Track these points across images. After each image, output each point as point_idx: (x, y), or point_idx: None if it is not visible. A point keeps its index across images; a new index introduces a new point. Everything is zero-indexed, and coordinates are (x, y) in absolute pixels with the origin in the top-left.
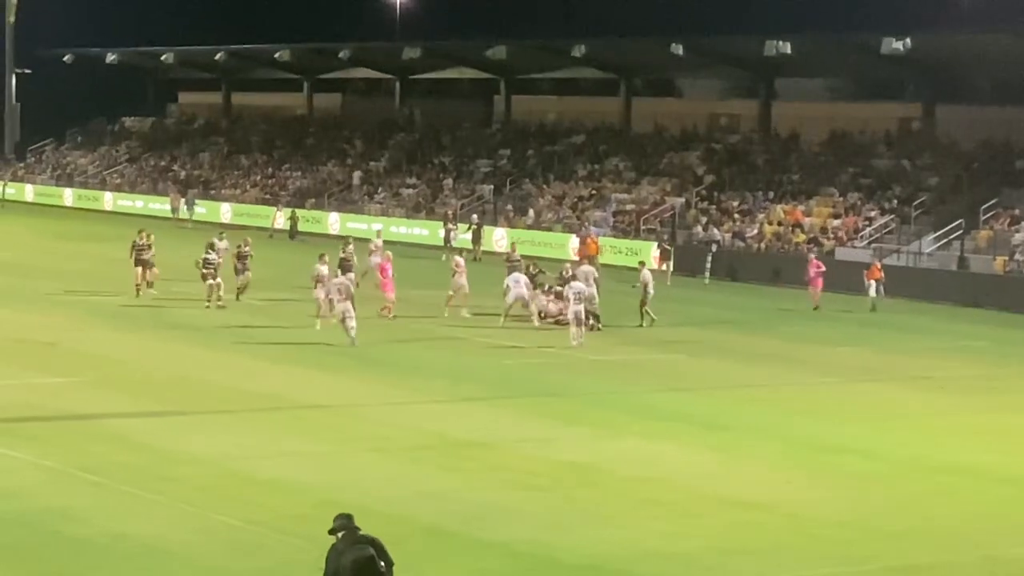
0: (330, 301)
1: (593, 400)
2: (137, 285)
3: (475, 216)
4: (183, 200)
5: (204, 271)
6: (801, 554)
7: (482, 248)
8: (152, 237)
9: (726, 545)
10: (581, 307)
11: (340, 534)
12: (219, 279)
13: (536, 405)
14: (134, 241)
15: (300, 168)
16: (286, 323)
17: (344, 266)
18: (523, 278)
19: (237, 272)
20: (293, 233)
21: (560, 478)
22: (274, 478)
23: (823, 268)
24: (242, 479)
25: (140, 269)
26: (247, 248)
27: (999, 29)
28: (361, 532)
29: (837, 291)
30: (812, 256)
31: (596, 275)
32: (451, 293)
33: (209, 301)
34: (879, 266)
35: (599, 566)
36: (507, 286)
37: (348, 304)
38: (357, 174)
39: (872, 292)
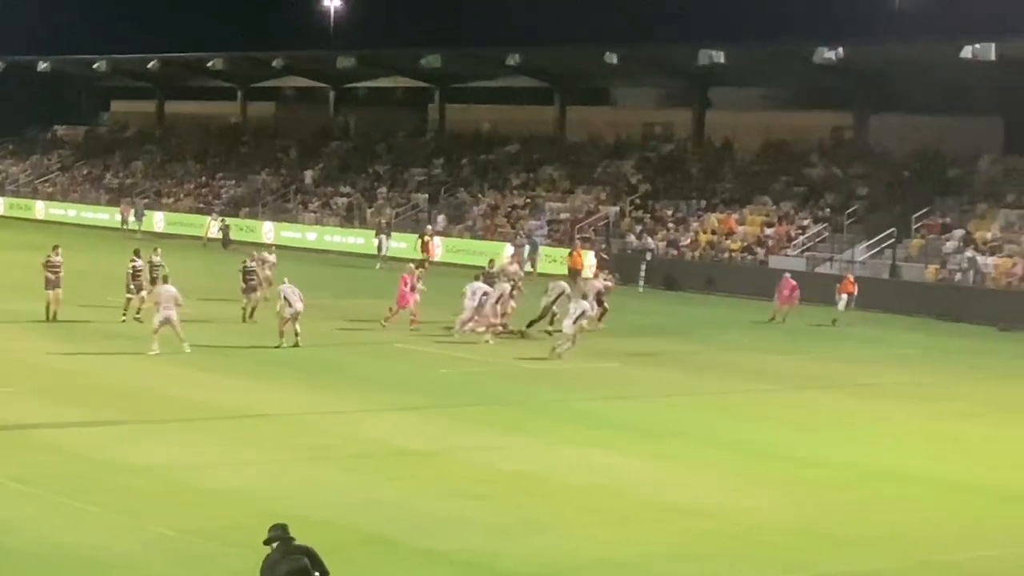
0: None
1: (533, 409)
2: (48, 306)
3: (429, 227)
4: (132, 211)
5: (134, 283)
6: (744, 561)
7: (432, 258)
8: (60, 254)
9: (669, 552)
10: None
11: (275, 544)
12: (144, 292)
13: (477, 414)
14: (48, 258)
15: (234, 177)
16: (225, 332)
17: (247, 274)
18: (482, 289)
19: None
20: (226, 242)
21: (502, 487)
22: (215, 488)
23: (797, 289)
24: (183, 489)
25: (52, 292)
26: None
27: (931, 38)
28: (296, 542)
29: (772, 300)
30: (787, 275)
31: (568, 291)
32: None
33: (125, 313)
34: (852, 279)
35: (542, 575)
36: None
37: (292, 311)
38: (309, 173)
39: (841, 306)
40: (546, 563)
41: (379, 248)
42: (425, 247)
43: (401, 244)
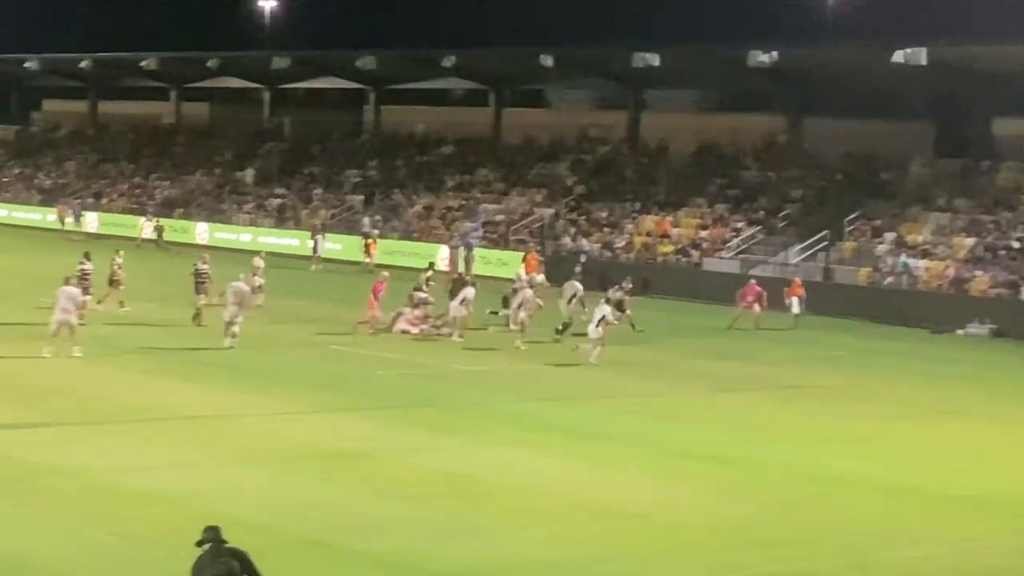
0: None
1: (466, 410)
2: None
3: (375, 231)
4: (70, 211)
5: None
6: (674, 562)
7: (374, 261)
8: None
9: (599, 553)
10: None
11: (206, 547)
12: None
13: (410, 415)
14: None
15: (168, 177)
16: (158, 333)
17: (199, 279)
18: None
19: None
20: (160, 243)
21: (433, 488)
22: (146, 490)
23: (763, 293)
24: (113, 491)
25: None
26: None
27: (863, 43)
28: (227, 545)
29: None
30: (752, 281)
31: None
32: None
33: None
34: (799, 282)
35: None
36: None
37: (237, 309)
38: (250, 171)
39: (795, 308)
40: (477, 564)
41: (314, 249)
42: (367, 250)
43: (336, 246)
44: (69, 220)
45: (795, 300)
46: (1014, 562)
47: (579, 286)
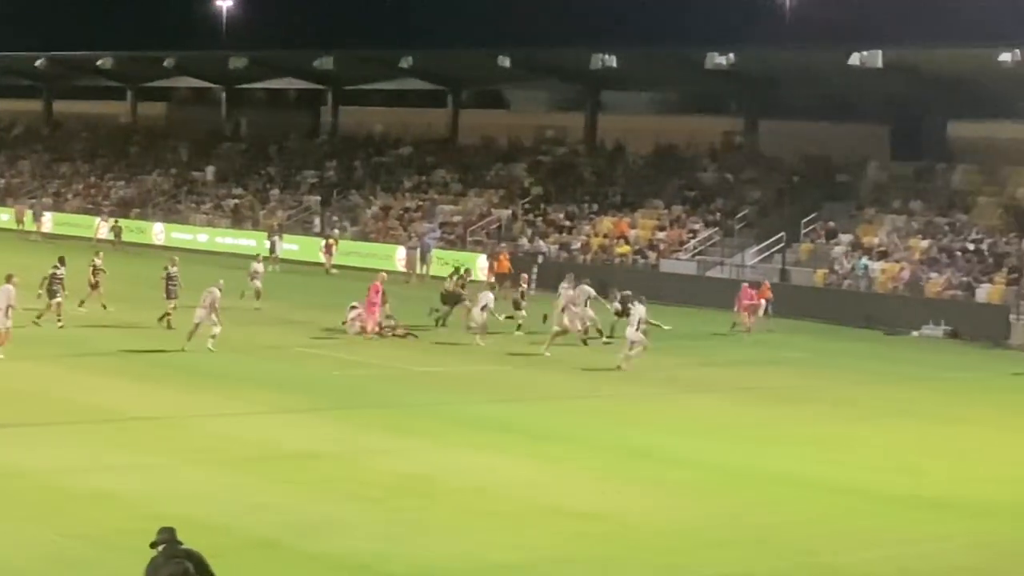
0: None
1: (423, 412)
2: None
3: (336, 231)
4: (29, 212)
5: (53, 288)
6: (630, 563)
7: (334, 261)
8: None
9: (557, 555)
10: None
11: (160, 548)
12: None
13: (367, 417)
14: None
15: (124, 177)
16: (113, 334)
17: (170, 283)
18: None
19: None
20: (117, 243)
21: (391, 490)
22: (99, 491)
23: (756, 299)
24: (65, 493)
25: None
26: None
27: (820, 46)
28: (182, 546)
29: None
30: (745, 284)
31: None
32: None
33: (60, 318)
34: (768, 285)
35: None
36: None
37: (205, 313)
38: (211, 169)
39: (761, 312)
40: (434, 566)
41: (272, 250)
42: (328, 251)
43: (293, 246)
44: (27, 220)
45: (763, 303)
46: (969, 563)
47: (590, 290)
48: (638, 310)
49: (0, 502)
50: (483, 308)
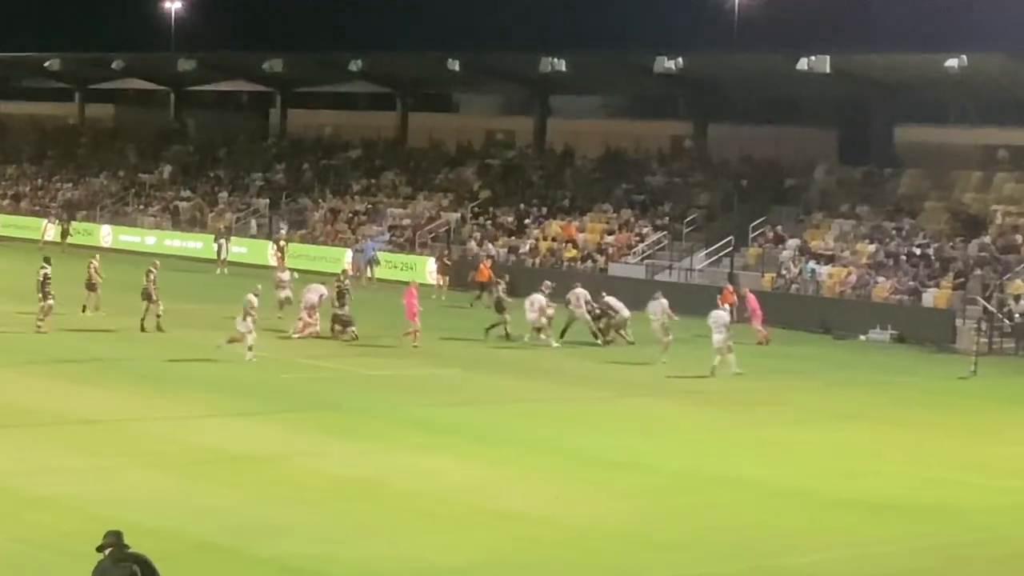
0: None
1: (369, 414)
2: None
3: (283, 231)
4: None
5: (46, 290)
6: (577, 567)
7: (286, 263)
8: None
9: (502, 558)
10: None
11: (107, 551)
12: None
13: (311, 419)
14: None
15: (71, 179)
16: (54, 336)
17: (90, 284)
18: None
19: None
20: (64, 245)
21: (334, 492)
22: (43, 495)
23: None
24: (9, 496)
25: None
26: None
27: (768, 50)
28: (129, 550)
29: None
30: (746, 290)
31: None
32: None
33: (42, 322)
34: (731, 289)
35: None
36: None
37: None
38: (167, 168)
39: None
40: (378, 569)
41: (219, 253)
42: (280, 253)
43: (242, 249)
44: None
45: (727, 307)
46: (915, 565)
47: (584, 292)
48: (719, 316)
49: None
50: (538, 310)
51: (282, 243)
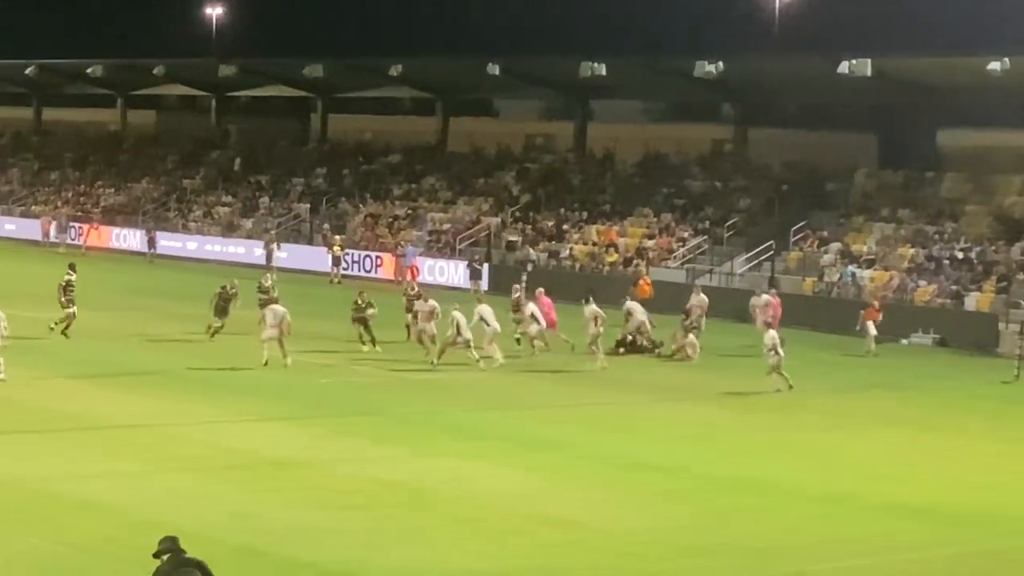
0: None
1: (409, 419)
2: None
3: (338, 238)
4: (55, 223)
5: (68, 297)
6: (615, 572)
7: (341, 272)
8: None
9: (541, 564)
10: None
11: (165, 556)
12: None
13: (353, 424)
14: None
15: (113, 185)
16: (97, 342)
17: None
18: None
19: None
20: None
21: (375, 497)
22: (85, 499)
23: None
24: (51, 500)
25: None
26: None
27: (808, 54)
28: (187, 555)
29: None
30: (773, 292)
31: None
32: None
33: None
34: (877, 307)
35: None
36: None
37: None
38: (237, 160)
39: (872, 331)
40: (418, 573)
41: (267, 259)
42: (336, 261)
43: (283, 254)
44: (53, 232)
45: (871, 324)
46: (955, 571)
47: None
48: (771, 336)
49: None
50: (596, 321)
51: (336, 248)
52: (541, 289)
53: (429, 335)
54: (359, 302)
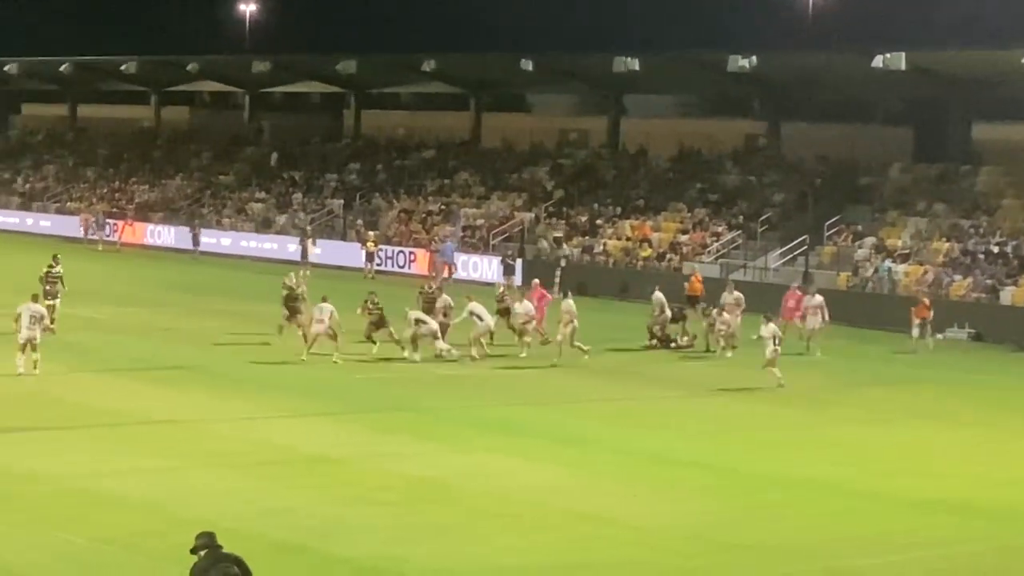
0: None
1: (442, 415)
2: None
3: (371, 233)
4: (93, 221)
5: (48, 288)
6: (647, 567)
7: (375, 267)
8: None
9: (574, 559)
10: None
11: (203, 552)
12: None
13: (386, 420)
14: None
15: (147, 181)
16: (131, 338)
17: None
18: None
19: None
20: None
21: (409, 493)
22: (121, 495)
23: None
24: (87, 496)
25: None
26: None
27: (842, 48)
28: (224, 550)
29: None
30: (793, 286)
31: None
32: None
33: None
34: (928, 303)
35: None
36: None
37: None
38: (274, 155)
39: (916, 332)
40: (451, 569)
41: (303, 255)
42: (370, 257)
43: (317, 250)
44: (92, 229)
45: (919, 322)
46: (996, 565)
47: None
48: (769, 329)
49: (22, 507)
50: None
51: (370, 244)
52: (536, 280)
53: (430, 332)
54: (369, 304)
